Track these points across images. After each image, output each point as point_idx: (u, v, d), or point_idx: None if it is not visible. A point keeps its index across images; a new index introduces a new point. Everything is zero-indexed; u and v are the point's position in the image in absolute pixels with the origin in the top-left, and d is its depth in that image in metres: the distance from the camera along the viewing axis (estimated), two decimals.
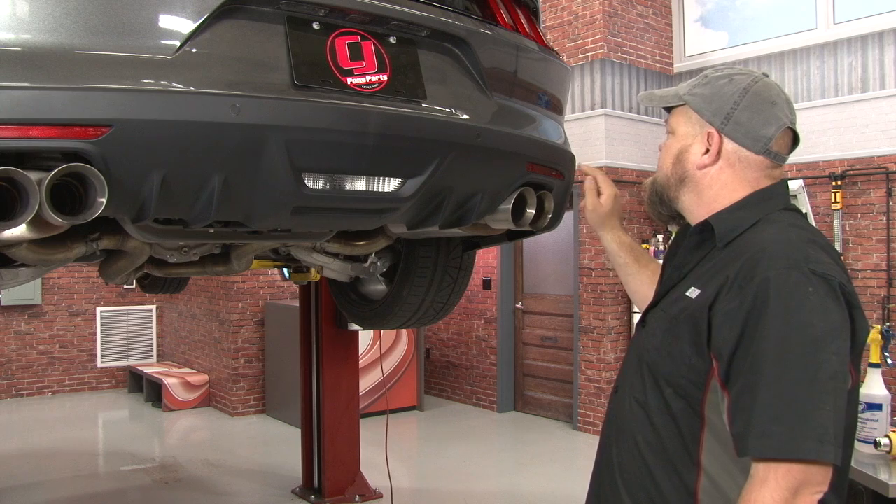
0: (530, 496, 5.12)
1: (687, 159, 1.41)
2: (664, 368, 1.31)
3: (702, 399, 1.26)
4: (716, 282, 1.26)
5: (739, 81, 1.38)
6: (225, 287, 7.28)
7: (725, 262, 1.29)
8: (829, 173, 5.64)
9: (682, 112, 1.43)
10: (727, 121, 1.36)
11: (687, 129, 1.42)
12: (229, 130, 1.49)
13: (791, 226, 1.33)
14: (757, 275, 1.20)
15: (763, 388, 1.15)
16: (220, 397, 7.50)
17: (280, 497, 4.98)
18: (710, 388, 1.25)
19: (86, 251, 1.92)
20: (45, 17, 1.36)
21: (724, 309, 1.22)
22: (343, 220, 2.00)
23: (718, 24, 6.67)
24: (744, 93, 1.37)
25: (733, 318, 1.20)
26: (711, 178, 1.39)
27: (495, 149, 1.97)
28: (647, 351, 1.37)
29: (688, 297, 1.31)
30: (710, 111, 1.38)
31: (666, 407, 1.30)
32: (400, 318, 2.93)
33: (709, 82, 1.41)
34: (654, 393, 1.33)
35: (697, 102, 1.39)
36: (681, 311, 1.31)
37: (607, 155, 6.42)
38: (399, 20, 1.81)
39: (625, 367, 1.47)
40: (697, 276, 1.34)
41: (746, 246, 1.28)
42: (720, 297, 1.23)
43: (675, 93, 1.45)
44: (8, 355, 8.10)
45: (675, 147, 1.43)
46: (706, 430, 1.26)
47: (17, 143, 1.32)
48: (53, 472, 5.63)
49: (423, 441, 6.84)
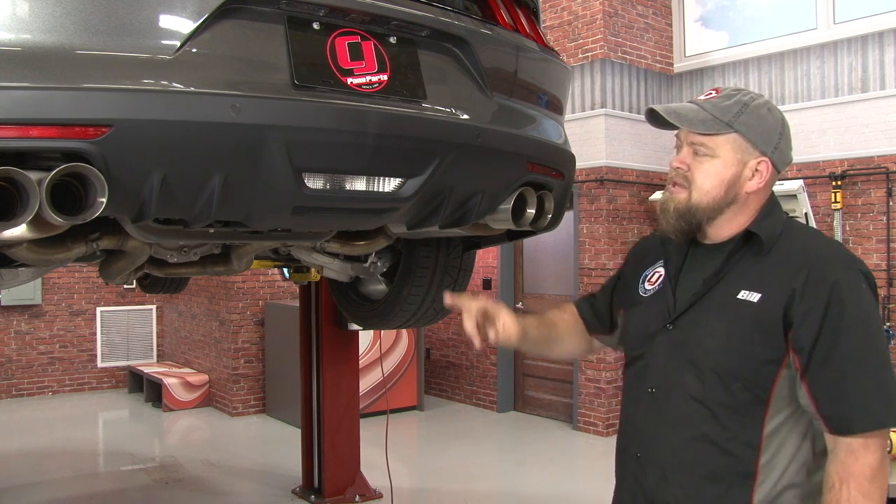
0: (530, 496, 5.12)
1: (740, 184, 1.51)
2: (733, 366, 1.44)
3: (770, 388, 1.42)
4: (777, 286, 1.43)
5: (775, 112, 1.54)
6: (225, 287, 7.27)
7: (778, 266, 1.46)
8: (829, 173, 5.64)
9: (727, 139, 1.50)
10: (775, 150, 1.52)
11: (735, 156, 1.50)
12: (229, 130, 1.49)
13: (811, 229, 1.61)
14: (828, 278, 1.40)
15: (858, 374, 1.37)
16: (220, 397, 7.50)
17: (280, 497, 4.98)
18: (780, 377, 1.42)
19: (86, 251, 1.92)
20: (45, 17, 1.36)
21: (802, 310, 1.39)
22: (343, 220, 2.00)
23: (718, 24, 6.67)
24: (783, 124, 1.54)
25: (813, 317, 1.38)
26: (752, 199, 1.53)
27: (495, 149, 1.97)
28: (706, 352, 1.47)
29: (745, 301, 1.45)
30: (762, 141, 1.51)
31: (730, 399, 1.44)
32: (400, 318, 2.93)
33: (752, 111, 1.51)
34: (718, 389, 1.45)
35: (751, 133, 1.50)
36: (744, 315, 1.44)
37: (607, 155, 6.42)
38: (399, 20, 1.81)
39: (661, 371, 1.55)
40: (746, 281, 1.47)
41: (796, 253, 1.46)
42: (795, 300, 1.40)
43: (717, 118, 1.50)
44: (8, 355, 8.10)
45: (726, 173, 1.51)
46: (768, 415, 1.43)
47: (17, 143, 1.32)
48: (53, 472, 5.63)
49: (423, 441, 6.84)
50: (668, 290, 1.59)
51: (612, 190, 6.44)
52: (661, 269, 1.64)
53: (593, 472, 5.63)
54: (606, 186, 6.40)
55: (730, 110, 1.51)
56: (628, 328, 1.69)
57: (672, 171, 1.57)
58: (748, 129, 1.50)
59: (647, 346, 1.59)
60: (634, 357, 1.64)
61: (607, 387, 6.41)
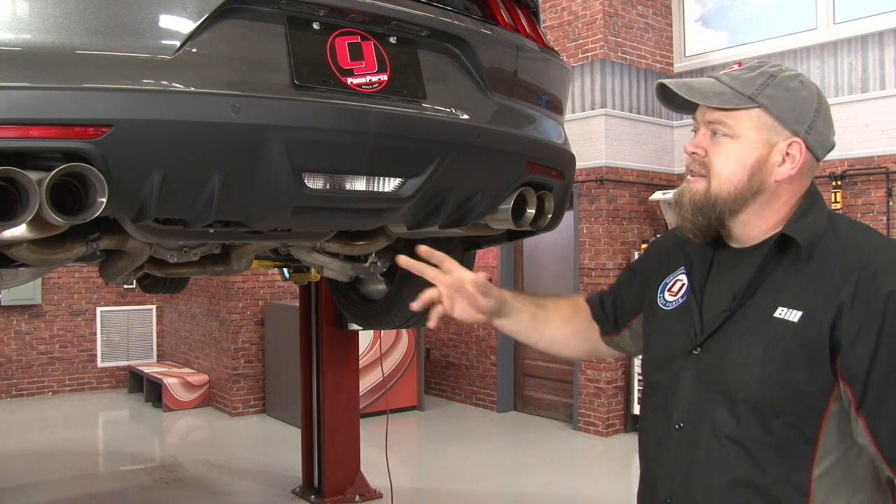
0: (530, 496, 5.12)
1: (767, 171, 1.26)
2: (772, 399, 1.21)
3: (819, 423, 1.19)
4: (821, 300, 1.19)
5: (809, 85, 1.29)
6: (225, 287, 7.27)
7: (820, 276, 1.21)
8: (829, 173, 5.64)
9: (749, 115, 1.26)
10: (810, 130, 1.26)
11: (760, 136, 1.25)
12: (229, 130, 1.49)
13: (861, 226, 1.31)
14: (881, 288, 1.15)
15: None
16: (220, 397, 7.50)
17: (280, 497, 4.98)
18: (830, 410, 1.19)
19: (86, 251, 1.92)
20: (45, 17, 1.36)
21: (852, 329, 1.15)
22: (343, 220, 2.00)
23: (718, 24, 6.67)
24: (819, 98, 1.28)
25: (865, 337, 1.14)
26: (783, 189, 1.28)
27: (495, 149, 1.97)
28: (739, 384, 1.23)
29: (784, 321, 1.21)
30: (794, 118, 1.25)
31: (770, 438, 1.21)
32: (400, 318, 2.93)
33: (779, 83, 1.26)
34: (755, 426, 1.22)
35: (778, 108, 1.25)
36: (782, 337, 1.20)
37: (607, 155, 6.42)
38: (399, 20, 1.80)
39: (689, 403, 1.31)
40: (783, 296, 1.23)
41: (843, 257, 1.21)
42: (842, 316, 1.16)
43: (736, 90, 1.26)
44: (8, 355, 8.09)
45: (749, 156, 1.26)
46: (818, 455, 1.20)
47: (17, 143, 1.32)
48: (53, 472, 5.63)
49: (423, 441, 6.84)
50: (694, 306, 1.34)
51: (612, 190, 6.44)
52: (683, 276, 1.40)
53: (593, 472, 5.64)
54: (606, 186, 6.40)
55: (753, 82, 1.25)
56: (649, 349, 1.45)
57: (688, 158, 1.33)
58: (775, 103, 1.24)
59: (670, 370, 1.35)
60: (655, 383, 1.39)
61: (607, 387, 6.41)
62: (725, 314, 1.28)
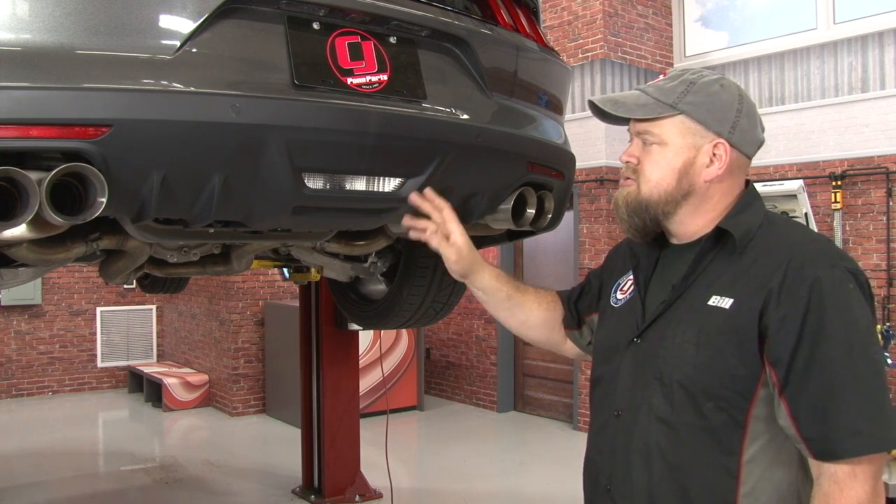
0: (530, 496, 5.12)
1: (695, 172, 1.34)
2: (704, 383, 1.26)
3: (747, 408, 1.25)
4: (752, 288, 1.25)
5: (730, 87, 1.36)
6: (225, 287, 7.27)
7: (752, 267, 1.27)
8: (829, 173, 5.64)
9: (674, 122, 1.34)
10: (734, 130, 1.33)
11: (685, 141, 1.34)
12: (229, 130, 1.49)
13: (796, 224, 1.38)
14: (806, 277, 1.21)
15: (843, 389, 1.18)
16: (220, 397, 7.50)
17: (280, 497, 4.98)
18: (758, 396, 1.24)
19: (86, 251, 1.92)
20: (45, 17, 1.36)
21: (778, 315, 1.21)
22: (343, 220, 2.00)
23: (718, 24, 6.67)
24: (741, 99, 1.35)
25: (790, 323, 1.20)
26: (714, 188, 1.35)
27: (495, 149, 1.97)
28: (673, 368, 1.29)
29: (717, 308, 1.27)
30: (715, 121, 1.33)
31: (702, 421, 1.26)
32: (400, 318, 2.93)
33: (699, 88, 1.34)
34: (688, 410, 1.27)
35: (699, 112, 1.33)
36: (714, 323, 1.26)
37: (607, 155, 6.43)
38: (399, 20, 1.81)
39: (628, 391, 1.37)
40: (717, 285, 1.29)
41: (775, 249, 1.27)
42: (770, 303, 1.22)
43: (659, 100, 1.35)
44: (8, 355, 8.09)
45: (676, 161, 1.34)
46: (747, 439, 1.25)
47: (17, 143, 1.32)
48: (53, 472, 5.63)
49: (423, 441, 6.84)
50: (637, 301, 1.42)
51: (612, 190, 6.44)
52: (632, 276, 1.48)
53: None
54: (606, 186, 6.41)
55: (674, 91, 1.34)
56: (597, 343, 1.54)
57: (623, 165, 1.42)
58: (696, 108, 1.32)
59: (613, 362, 1.42)
60: (600, 376, 1.47)
61: None
62: (664, 305, 1.35)
